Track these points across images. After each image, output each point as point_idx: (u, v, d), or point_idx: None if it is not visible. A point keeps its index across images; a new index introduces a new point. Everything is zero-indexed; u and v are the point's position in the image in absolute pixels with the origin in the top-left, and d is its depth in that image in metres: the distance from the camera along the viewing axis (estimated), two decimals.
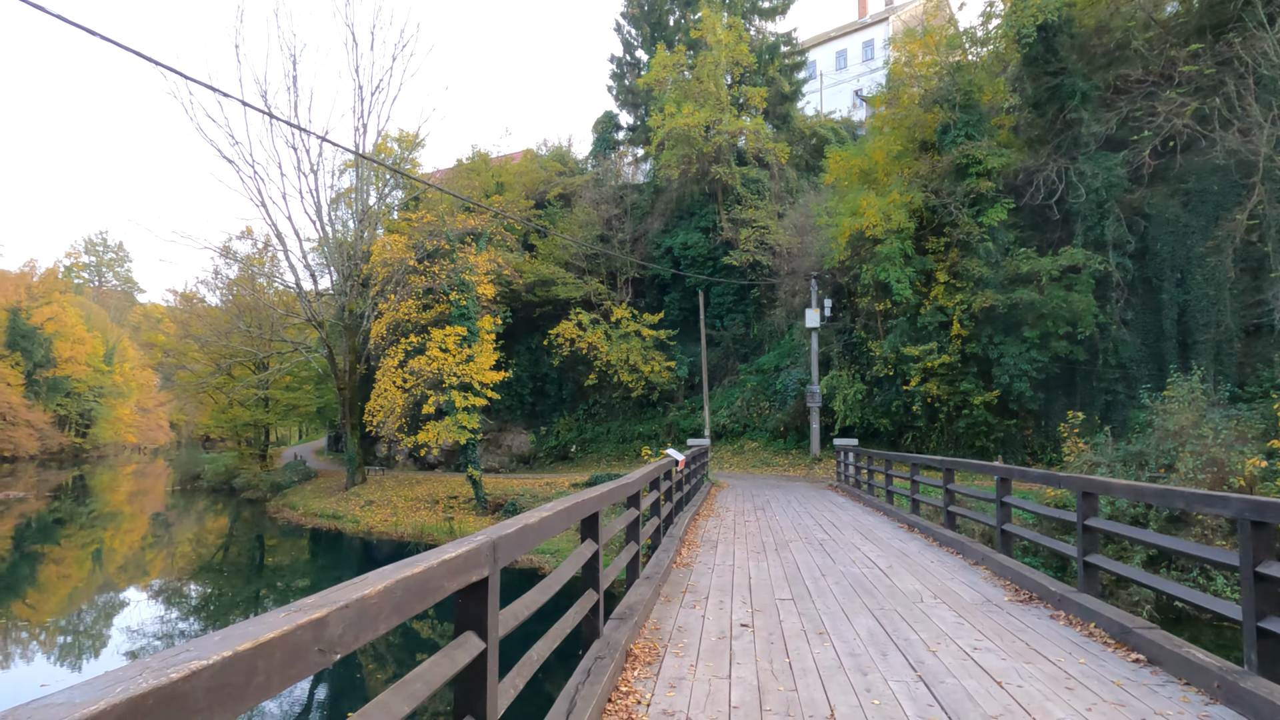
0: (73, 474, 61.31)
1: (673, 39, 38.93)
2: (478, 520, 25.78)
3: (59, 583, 22.18)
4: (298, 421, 50.19)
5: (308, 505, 31.32)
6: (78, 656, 14.74)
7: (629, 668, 4.49)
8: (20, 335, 72.15)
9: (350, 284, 32.05)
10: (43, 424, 73.61)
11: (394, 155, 38.20)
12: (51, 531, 31.48)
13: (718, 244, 33.44)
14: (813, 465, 26.89)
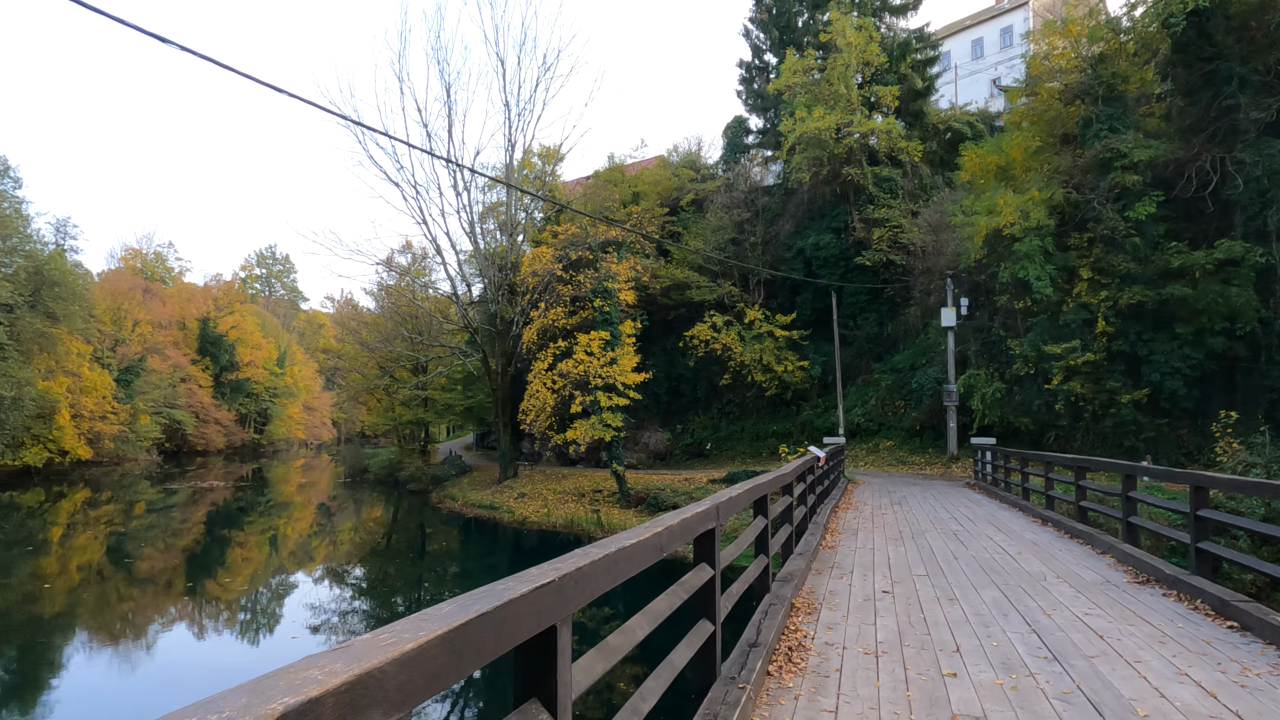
0: (252, 467, 67.24)
1: (801, 42, 39.47)
2: (622, 513, 27.48)
3: (243, 565, 24.58)
4: (449, 420, 53.95)
5: (466, 497, 34.14)
6: (269, 629, 16.66)
7: (794, 615, 5.75)
8: (209, 342, 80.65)
9: (501, 292, 34.70)
10: (228, 422, 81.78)
11: (536, 169, 40.85)
12: (236, 518, 35.33)
13: (850, 244, 33.85)
14: (949, 464, 27.01)
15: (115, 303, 65.64)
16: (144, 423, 61.88)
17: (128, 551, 25.65)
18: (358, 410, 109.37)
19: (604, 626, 14.32)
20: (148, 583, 20.76)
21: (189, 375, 74.40)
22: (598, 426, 27.94)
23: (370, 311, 51.77)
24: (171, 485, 47.60)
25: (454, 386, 46.28)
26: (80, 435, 52.07)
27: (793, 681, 4.35)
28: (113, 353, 61.94)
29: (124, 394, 59.34)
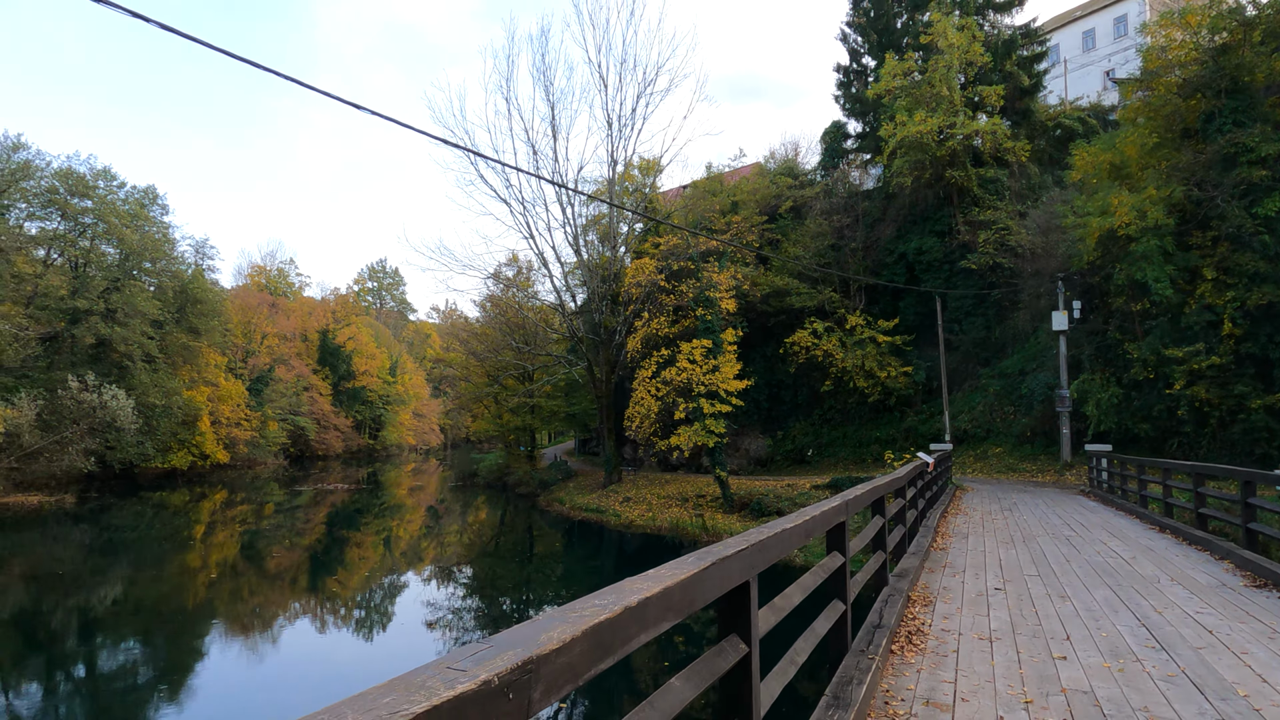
0: (367, 470, 70.69)
1: (900, 44, 39.15)
2: (725, 518, 28.03)
3: (360, 564, 26.05)
4: (553, 426, 55.62)
5: (573, 500, 35.41)
6: (384, 626, 17.62)
7: (910, 606, 6.29)
8: (328, 353, 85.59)
9: (604, 302, 35.89)
10: (346, 428, 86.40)
11: (636, 182, 41.97)
12: (354, 519, 37.43)
13: (954, 247, 33.39)
14: (1063, 471, 26.36)
15: (246, 317, 70.71)
16: (273, 429, 66.42)
17: (258, 549, 27.81)
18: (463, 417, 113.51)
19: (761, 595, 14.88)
20: (276, 579, 22.43)
21: (311, 384, 79.20)
22: (701, 433, 28.63)
23: (478, 322, 54.05)
24: (297, 488, 50.96)
25: (558, 394, 47.83)
26: (219, 440, 56.46)
27: (914, 658, 4.93)
28: (244, 364, 66.81)
29: (255, 402, 63.89)
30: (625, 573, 11.44)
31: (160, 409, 46.47)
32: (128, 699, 12.00)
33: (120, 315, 45.44)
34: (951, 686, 4.43)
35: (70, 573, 22.11)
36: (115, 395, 39.89)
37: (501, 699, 1.26)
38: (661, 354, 30.85)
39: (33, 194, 44.51)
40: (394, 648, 15.42)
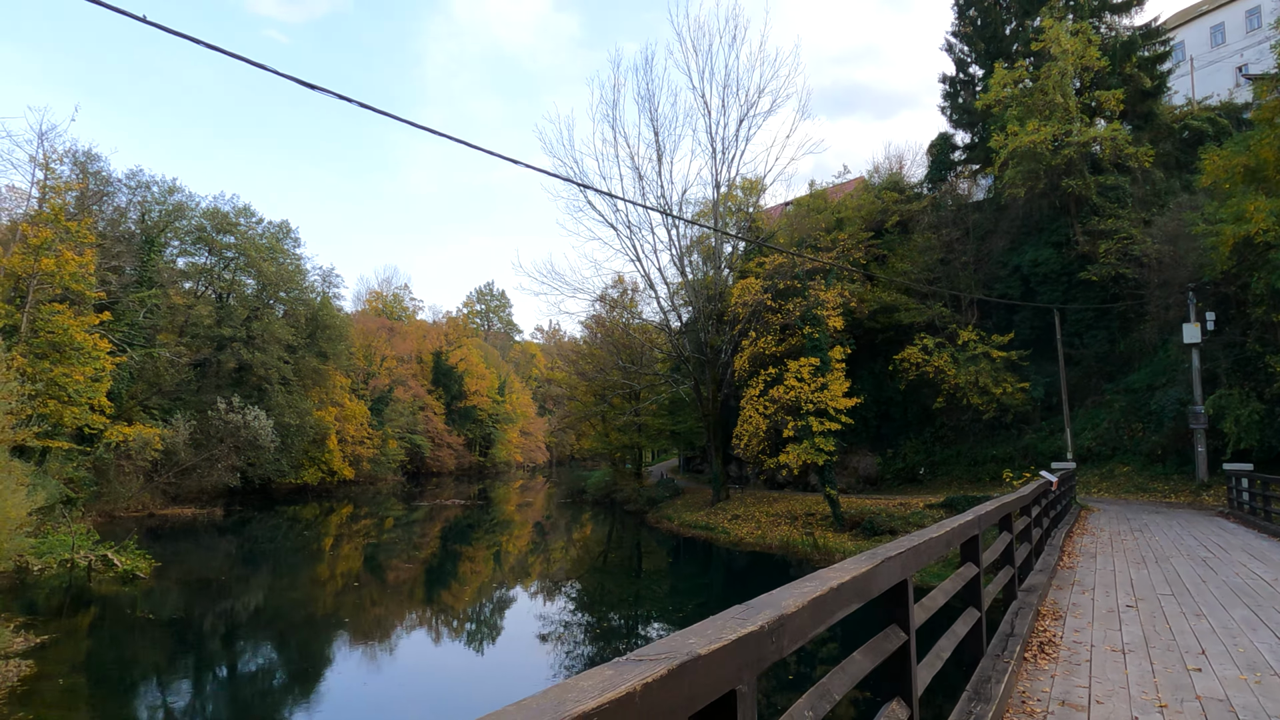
0: (478, 487, 73.12)
1: (1009, 51, 38.26)
2: (836, 537, 27.90)
3: (472, 577, 27.07)
4: (659, 444, 56.33)
5: (681, 518, 35.92)
6: (494, 638, 18.41)
7: (1040, 620, 6.51)
8: (442, 373, 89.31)
9: (709, 321, 36.43)
10: (458, 446, 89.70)
11: (739, 202, 42.46)
12: (466, 534, 38.90)
13: (1072, 258, 32.28)
14: (1199, 491, 25.02)
15: (366, 341, 74.81)
16: (392, 447, 69.88)
17: (380, 562, 29.45)
18: (568, 435, 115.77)
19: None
20: (395, 590, 23.76)
21: (426, 404, 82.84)
22: (810, 451, 28.68)
23: (584, 342, 55.52)
24: (414, 503, 53.47)
25: (662, 412, 48.56)
26: (345, 458, 59.93)
27: (1047, 665, 5.21)
28: (365, 385, 70.62)
29: (376, 421, 67.43)
30: (735, 589, 12.36)
31: (294, 428, 49.85)
32: (265, 700, 13.20)
33: (259, 341, 49.16)
34: (1086, 690, 4.71)
35: (219, 581, 24.23)
36: (257, 416, 43.16)
37: (768, 639, 1.83)
38: (769, 372, 31.09)
39: (184, 232, 48.87)
40: (507, 660, 16.10)
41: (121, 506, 36.70)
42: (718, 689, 1.60)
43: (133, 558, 22.22)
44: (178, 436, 39.28)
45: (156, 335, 42.27)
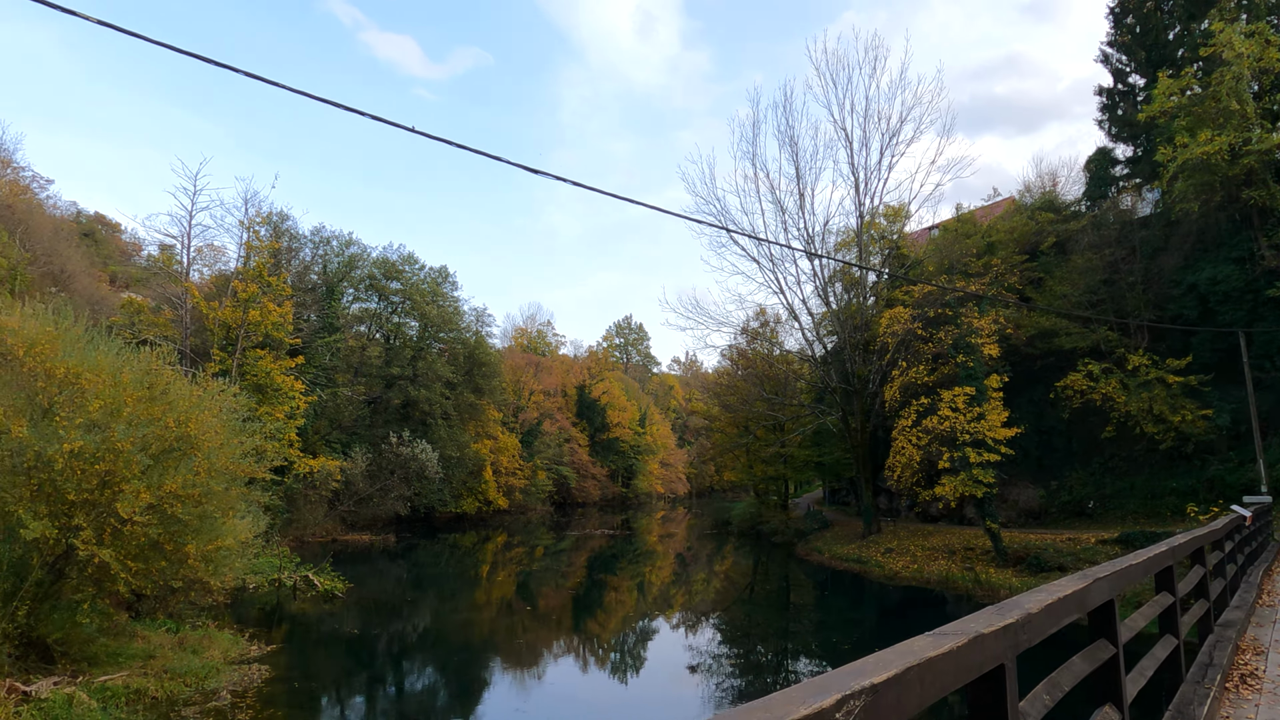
0: (621, 518, 74.40)
1: (1173, 58, 36.15)
2: (999, 572, 26.87)
3: (618, 606, 27.68)
4: (804, 475, 55.76)
5: (831, 550, 35.52)
6: (640, 668, 18.83)
7: (1239, 654, 6.48)
8: (585, 406, 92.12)
9: (855, 351, 36.15)
10: (602, 477, 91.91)
11: (882, 229, 42.03)
12: (611, 564, 39.74)
13: (1257, 274, 29.88)
14: None
15: (515, 376, 78.43)
16: (541, 478, 72.71)
17: (531, 589, 30.83)
18: (708, 467, 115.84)
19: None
20: (545, 617, 24.87)
21: (571, 436, 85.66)
22: (967, 483, 27.89)
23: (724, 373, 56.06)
24: (561, 533, 55.38)
25: (807, 443, 48.21)
26: (499, 488, 63.02)
27: (1250, 695, 5.30)
28: (515, 418, 73.99)
29: (526, 453, 70.49)
30: (889, 624, 12.80)
31: (455, 460, 53.08)
32: (440, 711, 14.35)
33: (422, 379, 52.91)
34: None
35: (401, 602, 26.31)
36: (424, 449, 46.39)
37: (1021, 631, 2.41)
38: (921, 402, 30.52)
39: (358, 280, 53.59)
40: (657, 691, 16.44)
41: (309, 532, 40.35)
42: (994, 661, 2.20)
43: (330, 579, 24.61)
44: (355, 468, 42.83)
45: (335, 375, 46.44)
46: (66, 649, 12.76)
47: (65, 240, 49.50)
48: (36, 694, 11.11)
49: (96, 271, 55.92)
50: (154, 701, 12.16)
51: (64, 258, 46.47)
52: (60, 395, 12.01)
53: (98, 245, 64.81)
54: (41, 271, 41.90)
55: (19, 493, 11.71)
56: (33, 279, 38.25)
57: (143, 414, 12.45)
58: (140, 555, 12.33)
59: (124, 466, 11.67)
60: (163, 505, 12.14)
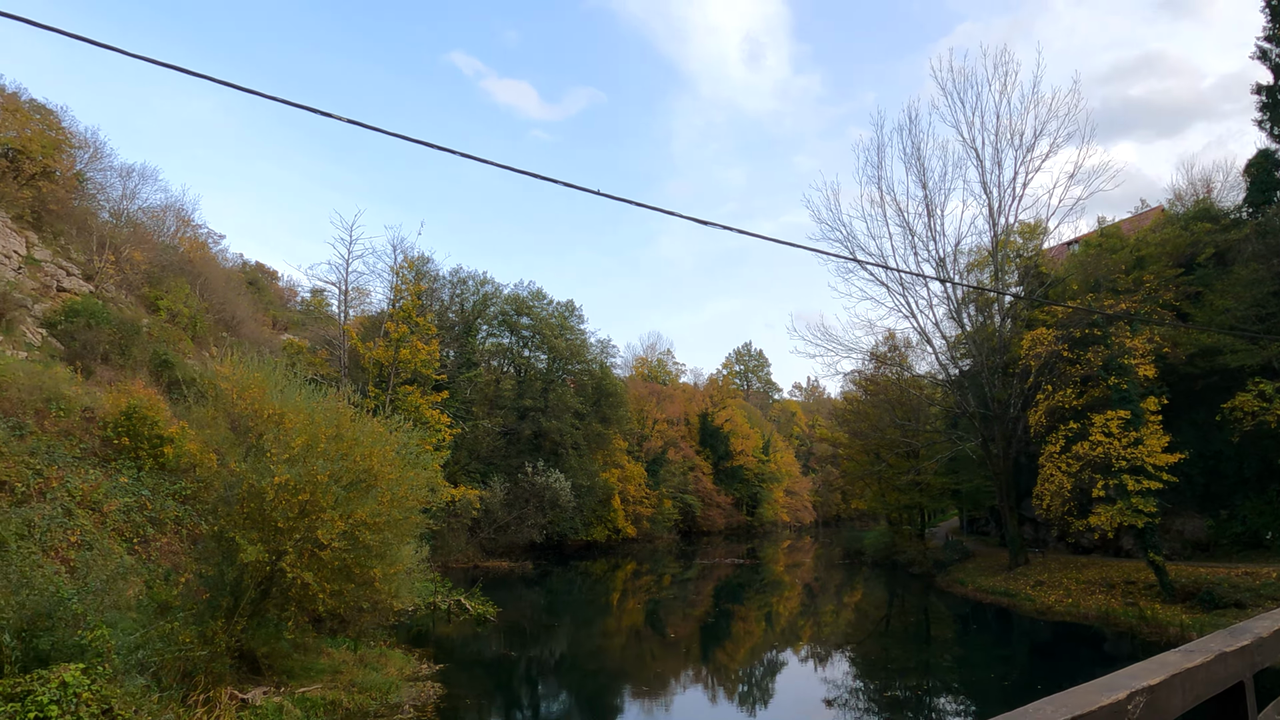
0: (746, 547, 73.81)
1: None
2: (1166, 608, 25.19)
3: (745, 637, 27.53)
4: (941, 503, 53.79)
5: (975, 582, 34.14)
6: (768, 700, 18.71)
7: None
8: (708, 434, 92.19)
9: (994, 375, 34.88)
10: (726, 505, 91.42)
11: (1018, 247, 40.55)
12: (737, 594, 39.38)
13: None
14: None
15: (639, 405, 79.55)
16: (667, 506, 73.26)
17: (660, 617, 31.10)
18: (833, 494, 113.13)
19: None
20: (672, 647, 25.06)
21: (695, 464, 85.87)
22: (1125, 512, 26.38)
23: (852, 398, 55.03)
24: (688, 561, 55.52)
25: (942, 470, 46.61)
26: (627, 517, 63.99)
27: None
28: (640, 447, 74.99)
29: (652, 482, 71.26)
30: (1043, 661, 12.57)
31: (586, 489, 54.43)
32: None
33: (553, 411, 54.72)
34: None
35: (534, 627, 27.27)
36: (557, 478, 47.90)
37: (1254, 653, 2.67)
38: (1070, 427, 29.15)
39: (491, 317, 56.26)
40: None
41: (452, 559, 42.35)
42: (1235, 678, 2.49)
43: (480, 603, 25.91)
44: (494, 497, 44.72)
45: (473, 408, 48.79)
46: (271, 662, 14.18)
47: (234, 289, 54.45)
48: (252, 701, 12.46)
49: (260, 316, 61.16)
50: (347, 713, 13.35)
51: (234, 305, 51.11)
52: (268, 433, 13.46)
53: (259, 292, 71.01)
54: (216, 318, 46.30)
55: (235, 520, 13.22)
56: (209, 325, 42.37)
57: (333, 449, 13.79)
58: (333, 578, 13.60)
59: (321, 496, 12.97)
60: (353, 532, 13.39)
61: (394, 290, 37.69)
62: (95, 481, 20.20)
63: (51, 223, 36.63)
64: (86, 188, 40.63)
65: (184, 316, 39.28)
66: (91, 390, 25.26)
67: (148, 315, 35.59)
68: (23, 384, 22.72)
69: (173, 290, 39.74)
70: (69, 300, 31.98)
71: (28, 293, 30.56)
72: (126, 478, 21.80)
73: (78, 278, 35.05)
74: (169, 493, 22.23)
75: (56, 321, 29.57)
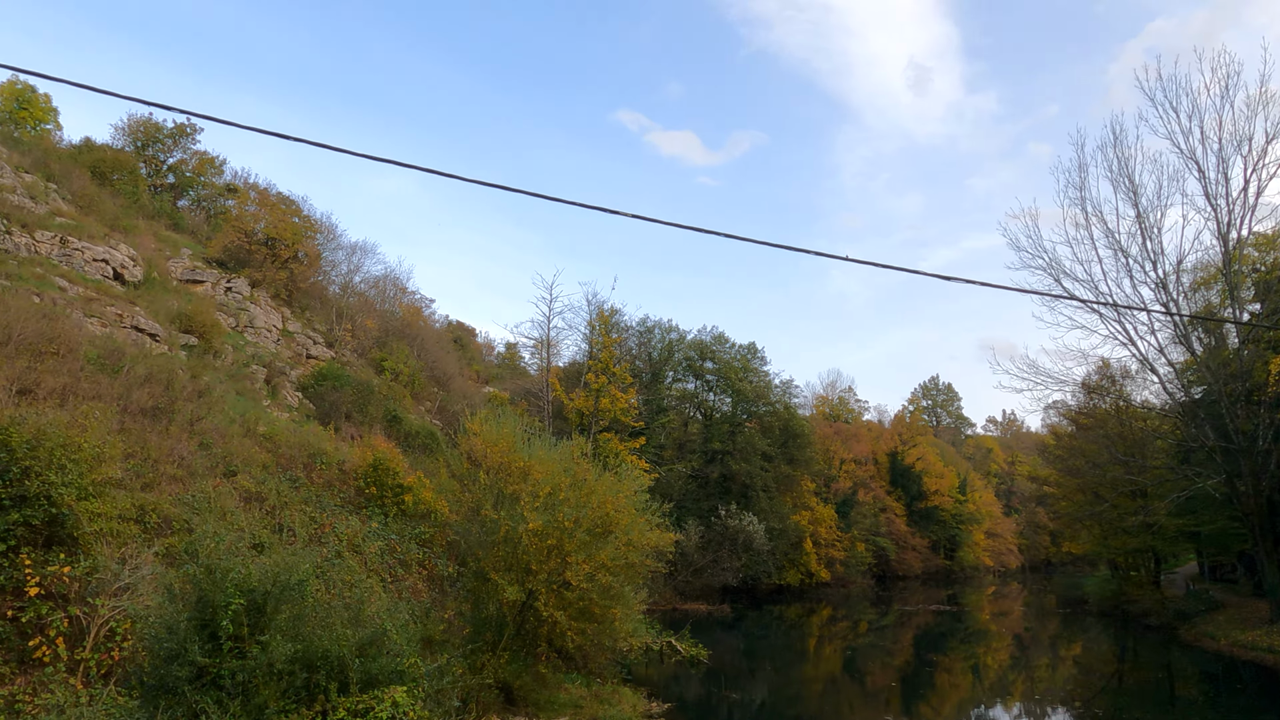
0: (946, 593, 70.08)
1: None
2: None
3: (951, 690, 26.17)
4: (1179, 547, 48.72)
5: (1230, 636, 30.66)
6: None
7: None
8: (899, 474, 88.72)
9: (1236, 404, 31.54)
10: (922, 548, 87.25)
11: (1253, 261, 36.83)
12: (939, 643, 37.45)
13: None
14: None
15: (824, 445, 78.04)
16: (860, 549, 70.98)
17: (858, 665, 30.24)
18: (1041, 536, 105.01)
19: None
20: (872, 697, 24.38)
21: (886, 505, 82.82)
22: None
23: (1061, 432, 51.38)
24: (884, 608, 53.50)
25: (1176, 511, 42.23)
26: (819, 560, 62.65)
27: None
28: (828, 488, 73.39)
29: (843, 524, 69.43)
30: None
31: (778, 531, 54.09)
32: None
33: (740, 453, 55.05)
34: None
35: (735, 671, 27.43)
36: (751, 521, 48.05)
37: None
38: None
39: (677, 363, 57.83)
40: None
41: (652, 601, 43.38)
42: None
43: (691, 645, 26.54)
44: (689, 541, 45.53)
45: (663, 453, 50.16)
46: (524, 694, 15.52)
47: (443, 347, 59.56)
48: None
49: (466, 371, 66.45)
50: None
51: (444, 362, 55.87)
52: (516, 482, 14.96)
53: (463, 349, 77.14)
54: (429, 375, 50.85)
55: (493, 563, 14.72)
56: (424, 381, 46.62)
57: (572, 497, 15.07)
58: (579, 617, 14.75)
59: (567, 541, 14.20)
60: (594, 574, 14.51)
61: (590, 343, 39.89)
62: (356, 527, 22.96)
63: (299, 298, 42.07)
64: (322, 265, 46.24)
65: (405, 375, 43.56)
66: (340, 445, 28.74)
67: (376, 375, 39.81)
68: (292, 441, 26.35)
69: (395, 352, 44.18)
70: (316, 366, 36.51)
71: (286, 361, 35.25)
72: (376, 523, 24.62)
73: (321, 345, 39.91)
74: (410, 536, 24.83)
75: (308, 385, 33.82)
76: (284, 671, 8.74)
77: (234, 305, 34.59)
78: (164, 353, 25.27)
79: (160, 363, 22.93)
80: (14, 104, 40.36)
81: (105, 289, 26.34)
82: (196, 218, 44.13)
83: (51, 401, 16.34)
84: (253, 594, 9.14)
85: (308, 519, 22.14)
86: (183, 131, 43.54)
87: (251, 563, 9.62)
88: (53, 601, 11.39)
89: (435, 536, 25.59)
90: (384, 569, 22.21)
